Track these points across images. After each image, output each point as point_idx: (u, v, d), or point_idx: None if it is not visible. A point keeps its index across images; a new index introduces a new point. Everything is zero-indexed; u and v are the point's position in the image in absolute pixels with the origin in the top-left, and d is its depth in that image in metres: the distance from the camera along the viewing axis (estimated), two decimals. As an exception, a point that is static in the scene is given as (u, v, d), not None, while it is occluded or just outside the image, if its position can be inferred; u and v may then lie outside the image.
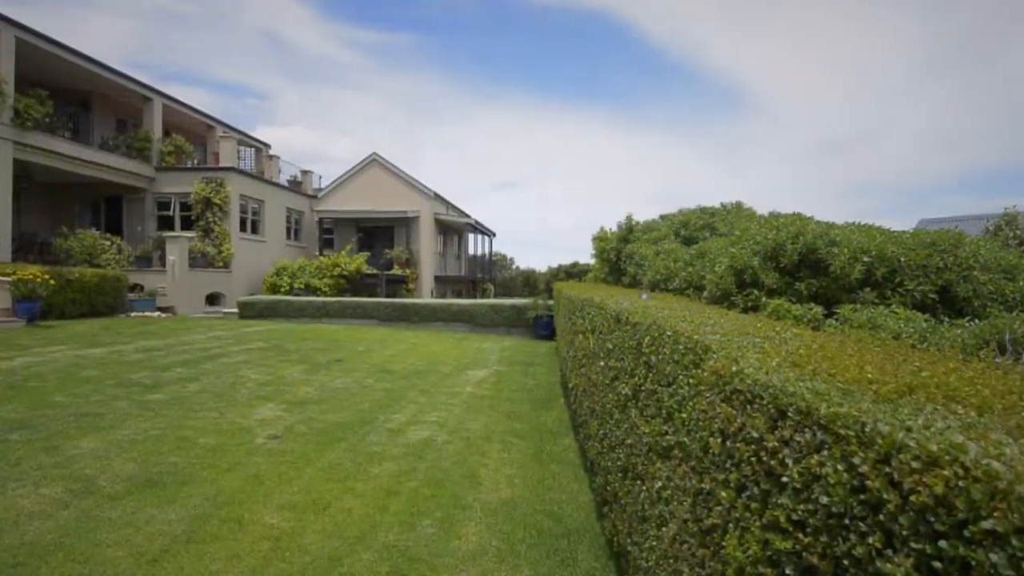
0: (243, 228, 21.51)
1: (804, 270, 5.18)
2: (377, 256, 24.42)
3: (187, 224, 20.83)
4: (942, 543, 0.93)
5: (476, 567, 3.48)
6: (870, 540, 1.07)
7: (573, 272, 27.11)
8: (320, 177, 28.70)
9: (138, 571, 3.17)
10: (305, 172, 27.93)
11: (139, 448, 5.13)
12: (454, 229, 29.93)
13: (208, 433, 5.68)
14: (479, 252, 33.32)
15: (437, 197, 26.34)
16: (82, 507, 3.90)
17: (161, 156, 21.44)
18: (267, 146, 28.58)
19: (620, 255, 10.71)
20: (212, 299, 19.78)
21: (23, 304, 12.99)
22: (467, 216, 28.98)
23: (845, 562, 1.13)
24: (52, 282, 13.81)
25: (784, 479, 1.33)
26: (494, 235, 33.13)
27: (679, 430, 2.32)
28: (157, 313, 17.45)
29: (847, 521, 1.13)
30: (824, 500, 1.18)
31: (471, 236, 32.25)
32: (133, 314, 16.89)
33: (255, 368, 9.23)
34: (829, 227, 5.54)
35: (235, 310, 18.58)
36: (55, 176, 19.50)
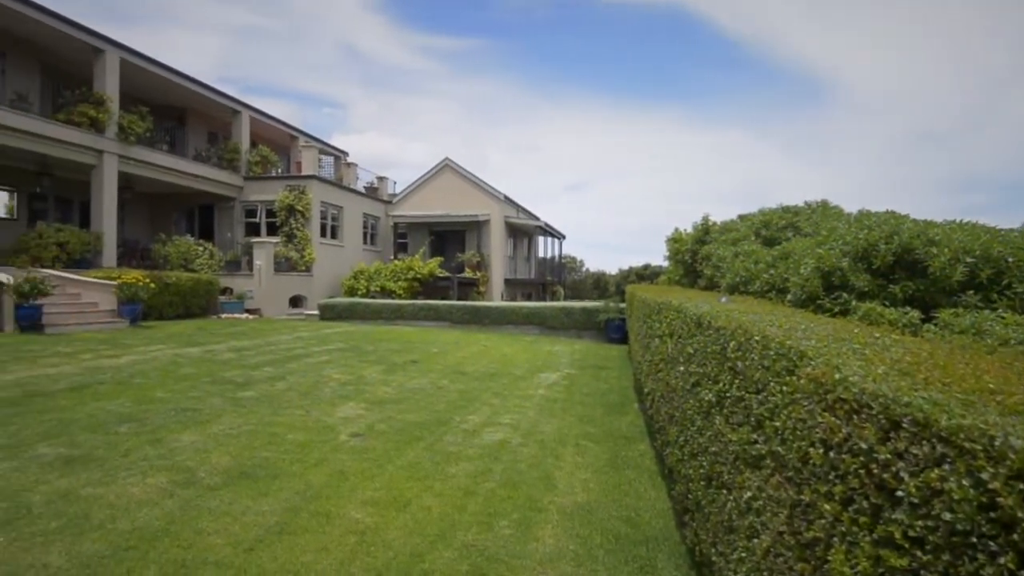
0: (323, 233, 22.40)
1: (899, 272, 4.89)
2: (449, 259, 24.87)
3: (272, 230, 21.92)
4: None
5: (554, 570, 3.48)
6: (1002, 560, 1.00)
7: (645, 274, 26.69)
8: (395, 183, 29.54)
9: (236, 559, 3.35)
10: (381, 178, 28.80)
11: (233, 442, 5.44)
12: (524, 232, 30.08)
13: (296, 430, 5.95)
14: (548, 254, 33.36)
15: (507, 200, 26.56)
16: (184, 496, 4.17)
17: (249, 166, 22.67)
18: (345, 154, 29.68)
19: (696, 257, 10.45)
20: (295, 301, 20.69)
21: (127, 306, 14.02)
22: (537, 219, 29.05)
23: (972, 583, 1.06)
24: (152, 286, 14.85)
25: (899, 493, 1.26)
26: (564, 237, 33.06)
27: (771, 439, 2.24)
28: (245, 315, 18.44)
29: (974, 539, 1.06)
30: (947, 517, 1.11)
31: (541, 238, 32.30)
32: (224, 315, 17.92)
33: (337, 368, 9.59)
34: (927, 226, 5.20)
35: (316, 312, 19.36)
36: (154, 187, 20.99)
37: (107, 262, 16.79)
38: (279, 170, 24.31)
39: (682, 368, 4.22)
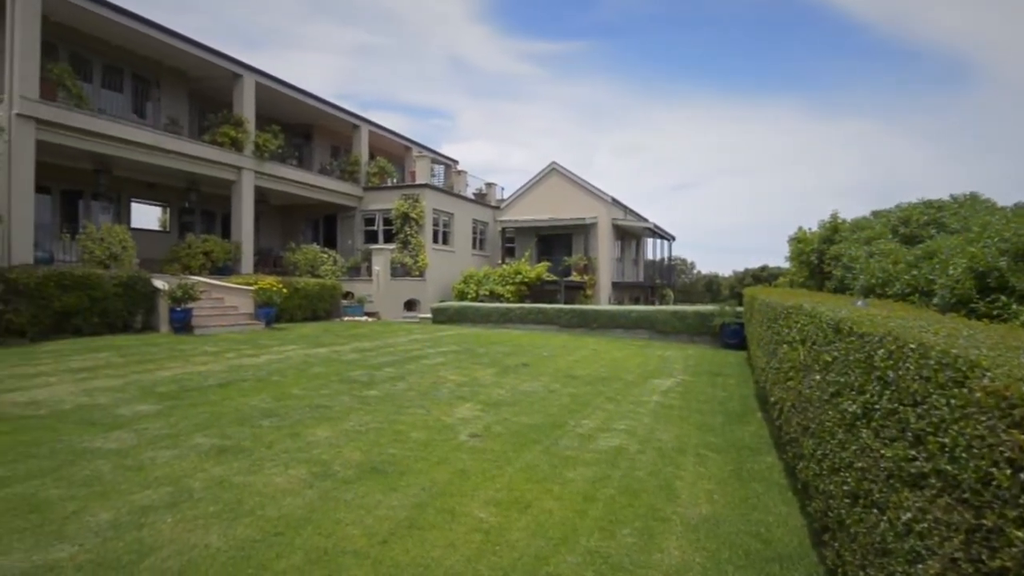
0: (435, 239, 23.23)
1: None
2: (556, 263, 24.93)
3: (388, 237, 23.04)
4: None
5: (682, 583, 3.38)
6: None
7: (761, 276, 25.38)
8: (502, 188, 30.11)
9: (371, 550, 3.54)
10: (489, 184, 29.46)
11: (362, 439, 5.76)
12: (632, 234, 29.59)
13: (418, 428, 6.20)
14: (657, 257, 32.57)
15: (615, 202, 26.26)
16: (322, 488, 4.47)
17: (367, 177, 24.00)
18: (455, 162, 30.65)
19: (823, 257, 9.80)
20: (409, 305, 21.60)
21: (263, 309, 15.27)
22: (645, 220, 28.48)
23: None
24: (284, 290, 16.07)
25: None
26: (673, 239, 32.15)
27: (935, 456, 2.04)
28: (365, 317, 19.50)
29: None
30: None
31: (649, 240, 31.61)
32: (345, 318, 19.04)
33: (451, 370, 9.90)
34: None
35: (429, 315, 20.10)
36: (284, 199, 22.74)
37: (245, 269, 18.39)
38: (394, 180, 25.52)
39: (818, 377, 3.96)
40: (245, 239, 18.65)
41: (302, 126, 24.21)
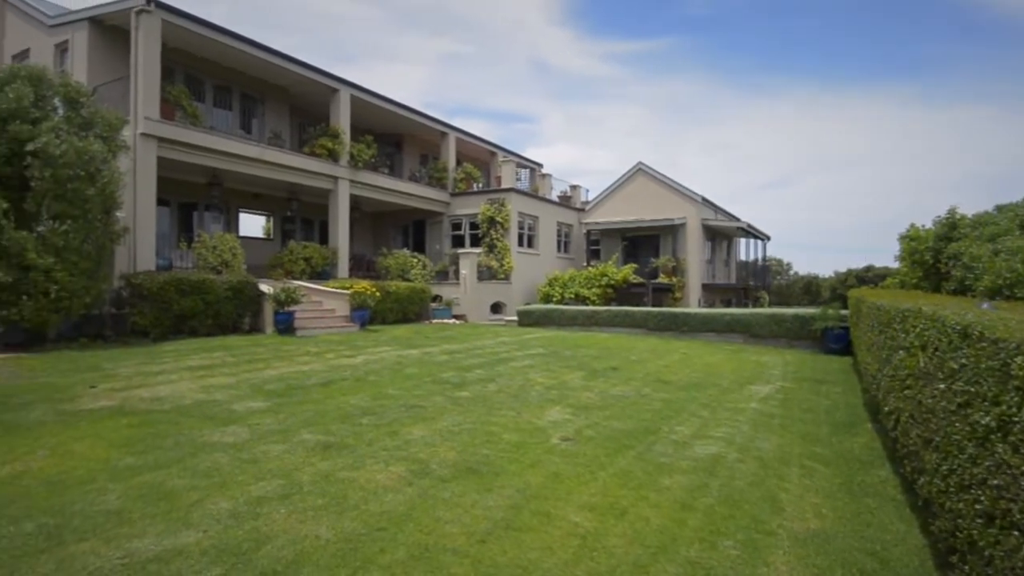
0: (520, 243, 23.40)
1: None
2: (642, 265, 24.47)
3: (475, 241, 23.46)
4: None
5: (791, 600, 3.22)
6: None
7: (867, 277, 23.82)
8: (587, 190, 29.92)
9: (471, 549, 3.61)
10: (574, 187, 29.37)
11: (456, 439, 5.88)
12: (723, 234, 28.59)
13: (509, 430, 6.26)
14: (750, 257, 31.25)
15: (705, 202, 25.47)
16: (421, 486, 4.60)
17: (454, 183, 24.57)
18: (540, 165, 30.80)
19: (939, 256, 9.06)
20: (495, 308, 21.88)
21: (357, 312, 15.93)
22: (737, 219, 27.45)
23: None
24: (377, 294, 16.71)
25: None
26: (768, 239, 30.76)
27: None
28: (452, 320, 19.94)
29: None
30: None
31: (742, 241, 30.40)
32: (434, 321, 19.55)
33: (540, 372, 9.94)
34: None
35: (514, 318, 20.26)
36: (376, 206, 23.67)
37: (341, 273, 19.28)
38: (480, 185, 25.94)
39: (942, 386, 3.67)
40: (341, 245, 19.56)
41: (393, 135, 25.11)
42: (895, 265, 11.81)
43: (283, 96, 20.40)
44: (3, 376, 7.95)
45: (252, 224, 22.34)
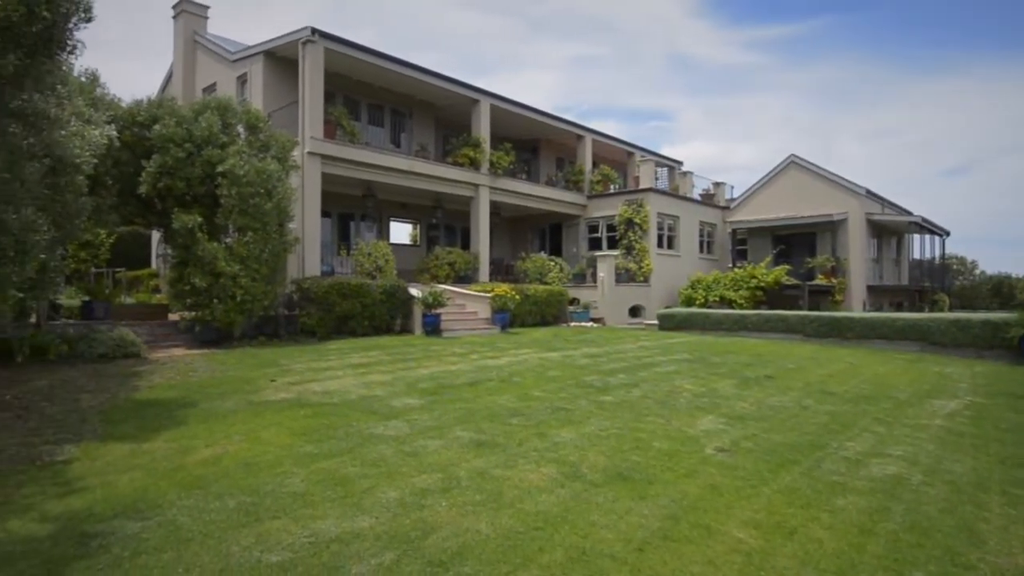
0: (660, 244, 22.75)
1: None
2: (796, 265, 22.72)
3: (612, 243, 23.16)
4: None
5: (1010, 650, 2.77)
6: None
7: (1076, 277, 20.31)
8: (732, 188, 28.42)
9: (628, 556, 3.51)
10: (717, 184, 28.04)
11: (604, 443, 5.80)
12: (891, 230, 25.77)
13: (659, 438, 6.06)
14: (926, 256, 27.85)
15: (869, 194, 23.15)
16: (573, 488, 4.57)
17: (591, 185, 24.45)
18: (679, 163, 29.76)
19: None
20: (634, 311, 21.43)
21: (498, 314, 16.34)
22: (908, 213, 24.69)
23: None
24: (517, 297, 17.01)
25: None
26: (947, 234, 27.33)
27: None
28: (590, 323, 19.81)
29: None
30: None
31: (915, 237, 27.19)
32: (572, 324, 19.54)
33: (686, 379, 9.55)
34: None
35: (654, 321, 19.71)
36: (514, 211, 24.19)
37: (482, 277, 19.91)
38: (617, 186, 25.58)
39: None
40: (482, 250, 20.22)
41: (529, 141, 25.52)
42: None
43: (429, 110, 21.50)
44: (203, 370, 9.08)
45: (400, 231, 23.82)
